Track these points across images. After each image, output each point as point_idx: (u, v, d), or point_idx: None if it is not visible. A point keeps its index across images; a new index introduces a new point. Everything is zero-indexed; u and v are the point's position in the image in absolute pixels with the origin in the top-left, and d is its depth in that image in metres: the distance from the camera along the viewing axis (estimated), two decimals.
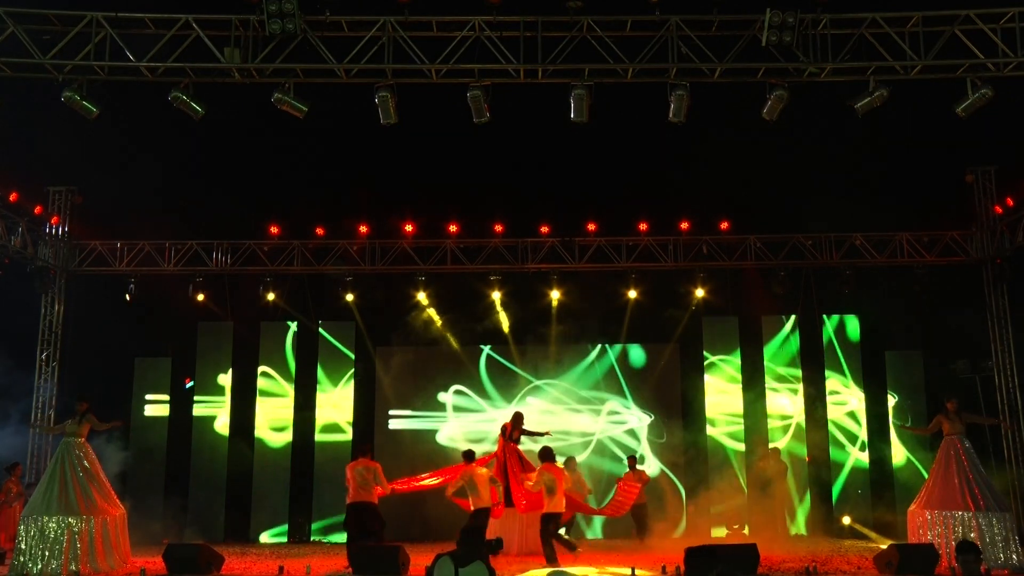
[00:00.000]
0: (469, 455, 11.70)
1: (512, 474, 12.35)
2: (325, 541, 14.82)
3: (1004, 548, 10.29)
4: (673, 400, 15.72)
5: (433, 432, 15.71)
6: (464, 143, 13.33)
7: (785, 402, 15.54)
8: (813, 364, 15.59)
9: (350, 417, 15.64)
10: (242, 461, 15.34)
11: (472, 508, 11.28)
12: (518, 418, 12.97)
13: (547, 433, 13.84)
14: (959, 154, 14.55)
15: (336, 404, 15.68)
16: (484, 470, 11.66)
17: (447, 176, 15.10)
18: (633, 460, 13.94)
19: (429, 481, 12.61)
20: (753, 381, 15.61)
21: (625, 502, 12.81)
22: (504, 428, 12.88)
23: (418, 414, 15.76)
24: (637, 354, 15.92)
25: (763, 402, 15.50)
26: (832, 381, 15.51)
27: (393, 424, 15.72)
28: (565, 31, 10.41)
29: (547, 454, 11.18)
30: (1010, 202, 14.24)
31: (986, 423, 12.65)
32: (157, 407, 15.52)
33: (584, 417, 15.67)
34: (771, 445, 15.07)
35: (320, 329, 15.85)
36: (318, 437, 15.51)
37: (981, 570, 5.69)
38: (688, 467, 15.30)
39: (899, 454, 15.20)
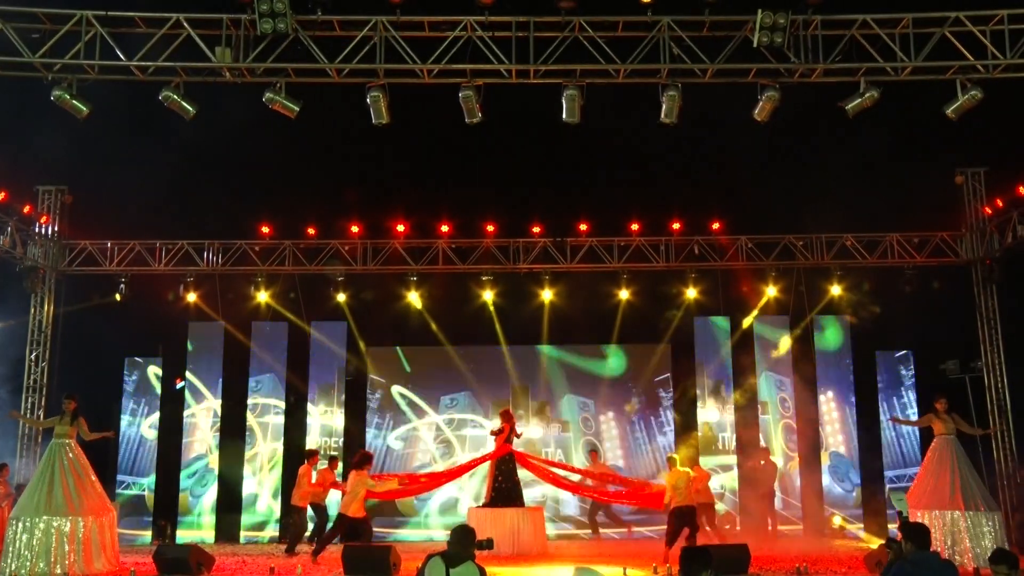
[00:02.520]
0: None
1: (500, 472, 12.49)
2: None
3: (992, 548, 10.32)
4: (666, 400, 15.75)
5: (426, 432, 15.68)
6: (456, 143, 13.33)
7: (775, 401, 15.60)
8: (804, 363, 15.64)
9: (341, 418, 15.62)
10: (233, 461, 15.28)
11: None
12: (511, 416, 13.01)
13: (519, 435, 13.90)
14: (949, 156, 14.60)
15: (327, 404, 15.64)
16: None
17: (439, 176, 15.13)
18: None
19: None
20: (745, 380, 15.65)
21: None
22: (503, 428, 12.86)
23: (410, 414, 15.75)
24: (630, 354, 15.95)
25: (754, 402, 15.54)
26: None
27: (385, 424, 15.69)
28: (557, 31, 10.39)
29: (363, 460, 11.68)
30: (999, 203, 14.28)
31: (976, 433, 12.59)
32: (147, 407, 15.46)
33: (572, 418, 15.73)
34: (762, 444, 15.12)
35: (312, 329, 15.80)
36: (309, 437, 15.47)
37: None
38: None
39: (889, 452, 15.28)
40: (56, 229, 15.06)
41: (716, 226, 15.29)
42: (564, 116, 10.53)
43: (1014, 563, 5.52)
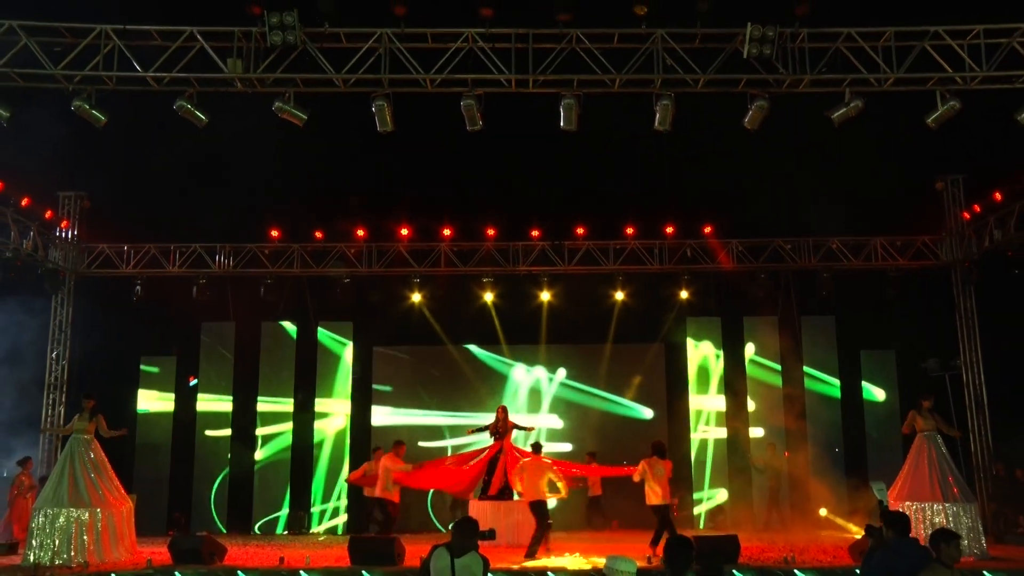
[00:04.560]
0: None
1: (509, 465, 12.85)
2: (323, 533, 15.18)
3: (970, 537, 10.76)
4: (658, 398, 16.15)
5: (425, 430, 16.08)
6: (457, 150, 13.62)
7: (763, 398, 15.99)
8: (792, 362, 16.01)
9: (348, 414, 16.00)
10: (244, 456, 15.69)
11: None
12: (507, 411, 13.42)
13: (532, 428, 14.29)
14: (929, 163, 14.96)
15: (334, 401, 16.02)
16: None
17: (441, 181, 15.37)
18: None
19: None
20: (736, 379, 16.02)
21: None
22: (511, 425, 13.24)
23: (412, 412, 16.14)
24: (625, 352, 16.36)
25: (745, 399, 15.90)
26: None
27: (388, 421, 16.07)
28: (555, 43, 10.67)
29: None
30: (977, 209, 14.70)
31: (953, 435, 12.93)
32: (162, 404, 15.88)
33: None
34: (768, 441, 15.38)
35: (319, 329, 16.17)
36: (316, 434, 15.86)
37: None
38: (674, 465, 15.63)
39: (874, 446, 15.66)
40: (76, 233, 15.47)
41: (708, 230, 15.65)
42: (562, 124, 10.79)
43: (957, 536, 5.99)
